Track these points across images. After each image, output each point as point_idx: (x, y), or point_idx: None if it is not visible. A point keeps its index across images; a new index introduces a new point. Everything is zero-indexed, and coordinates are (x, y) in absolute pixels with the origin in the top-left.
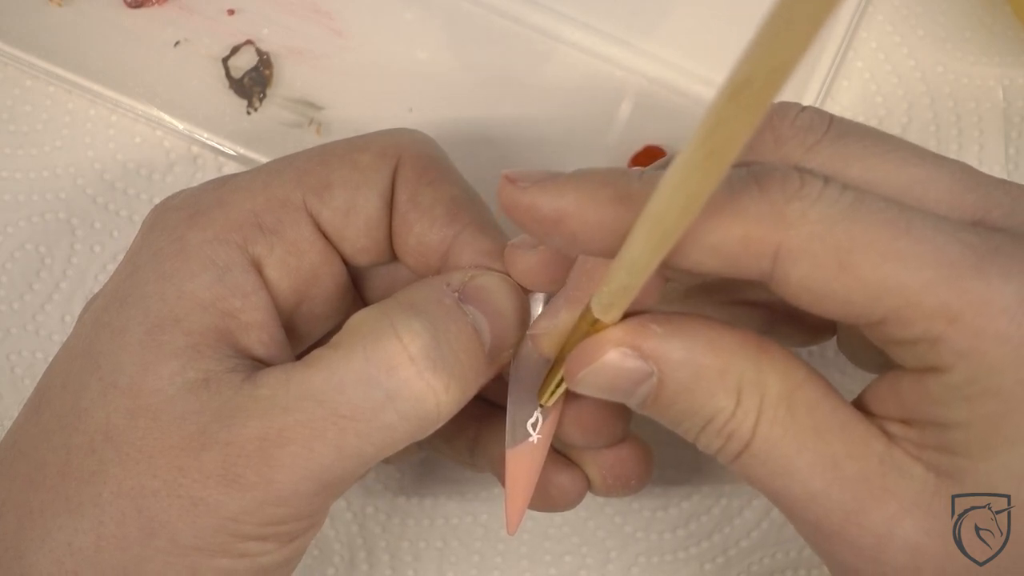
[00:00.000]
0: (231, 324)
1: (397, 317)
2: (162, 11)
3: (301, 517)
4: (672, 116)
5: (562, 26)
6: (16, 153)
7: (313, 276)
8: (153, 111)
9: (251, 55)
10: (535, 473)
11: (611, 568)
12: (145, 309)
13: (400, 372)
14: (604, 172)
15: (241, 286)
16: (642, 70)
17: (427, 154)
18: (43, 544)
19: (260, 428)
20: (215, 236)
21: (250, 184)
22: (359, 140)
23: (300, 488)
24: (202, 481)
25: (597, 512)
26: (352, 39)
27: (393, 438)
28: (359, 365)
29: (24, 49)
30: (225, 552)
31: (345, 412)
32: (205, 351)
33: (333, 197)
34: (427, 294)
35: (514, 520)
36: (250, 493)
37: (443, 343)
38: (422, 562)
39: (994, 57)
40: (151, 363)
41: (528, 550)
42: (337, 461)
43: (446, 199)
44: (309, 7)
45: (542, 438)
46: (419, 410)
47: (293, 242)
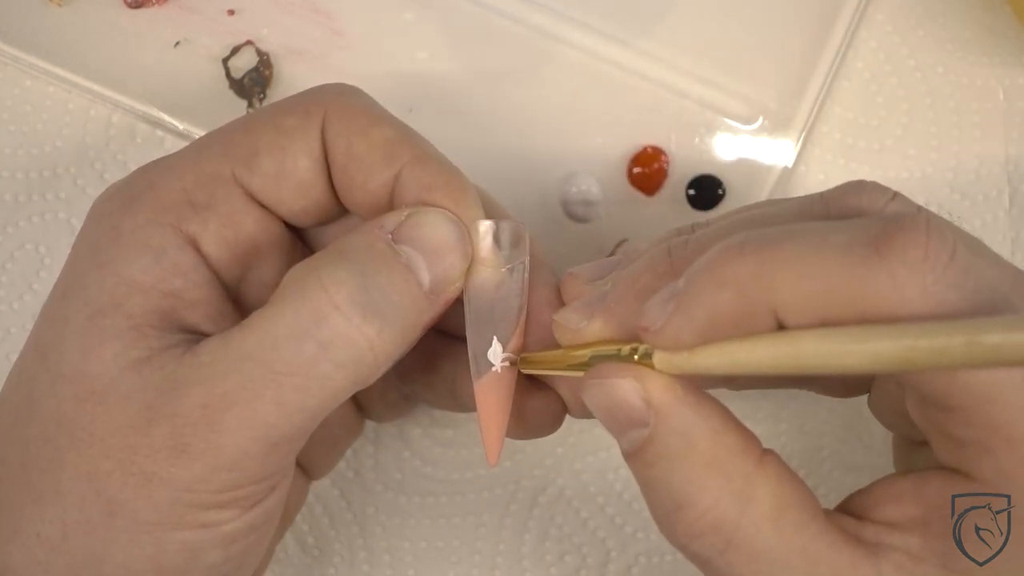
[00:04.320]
0: (174, 304)
1: (323, 267)
2: (162, 11)
3: (257, 480)
4: (672, 116)
5: (562, 26)
6: (16, 153)
7: (253, 246)
8: (153, 111)
9: (251, 55)
10: (506, 401)
11: (611, 568)
12: (86, 298)
13: (329, 322)
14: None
15: (179, 265)
16: (642, 70)
17: (352, 104)
18: (15, 537)
19: (202, 395)
20: (148, 219)
21: (179, 163)
22: (283, 103)
23: (249, 449)
24: (153, 456)
25: (597, 512)
26: (352, 39)
27: (334, 388)
28: (290, 320)
29: (24, 49)
30: (186, 524)
31: (281, 368)
32: (147, 331)
33: (260, 164)
34: (357, 239)
35: (492, 451)
36: (200, 461)
37: (372, 287)
38: (422, 562)
39: (994, 57)
40: (94, 348)
41: (528, 550)
42: (281, 418)
43: (380, 142)
44: (309, 7)
45: (506, 366)
46: (354, 357)
47: (227, 215)
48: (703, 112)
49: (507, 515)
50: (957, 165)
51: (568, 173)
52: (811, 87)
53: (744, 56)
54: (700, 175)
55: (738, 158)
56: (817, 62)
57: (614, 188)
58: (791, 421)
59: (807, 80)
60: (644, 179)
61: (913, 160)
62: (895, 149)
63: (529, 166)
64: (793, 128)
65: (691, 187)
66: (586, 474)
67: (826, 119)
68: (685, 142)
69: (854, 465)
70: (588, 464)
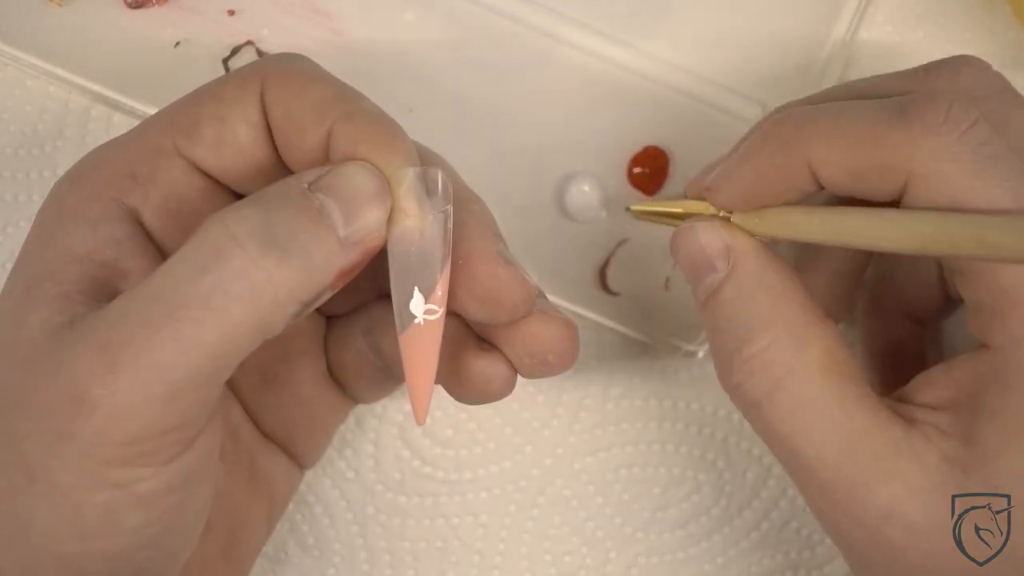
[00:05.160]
0: (108, 274)
1: (229, 209)
2: (162, 12)
3: (163, 431)
4: (672, 116)
5: (562, 26)
6: (16, 153)
7: (198, 215)
8: (153, 111)
9: (251, 56)
10: (431, 354)
11: (611, 568)
12: (26, 271)
13: (225, 254)
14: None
15: (115, 235)
16: (642, 70)
17: (290, 68)
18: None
19: (101, 339)
20: (90, 194)
21: (125, 139)
22: (226, 75)
23: (148, 394)
24: (59, 409)
25: (597, 512)
26: (352, 39)
27: (232, 323)
28: (189, 256)
29: (24, 49)
30: (98, 484)
31: (178, 303)
32: (76, 298)
33: (201, 134)
34: (271, 187)
35: (419, 408)
36: (98, 411)
37: (276, 223)
38: (422, 562)
39: (994, 57)
40: (25, 316)
41: (528, 550)
42: (179, 355)
43: (314, 102)
44: (309, 7)
45: (430, 318)
46: (251, 289)
47: (169, 186)
48: (704, 111)
49: (507, 515)
50: None
51: (568, 173)
52: (811, 87)
53: (744, 55)
54: None
55: None
56: (817, 61)
57: (614, 188)
58: None
59: (807, 80)
60: (644, 179)
61: None
62: None
63: (529, 166)
64: None
65: None
66: (586, 474)
67: None
68: (685, 142)
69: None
70: (588, 464)
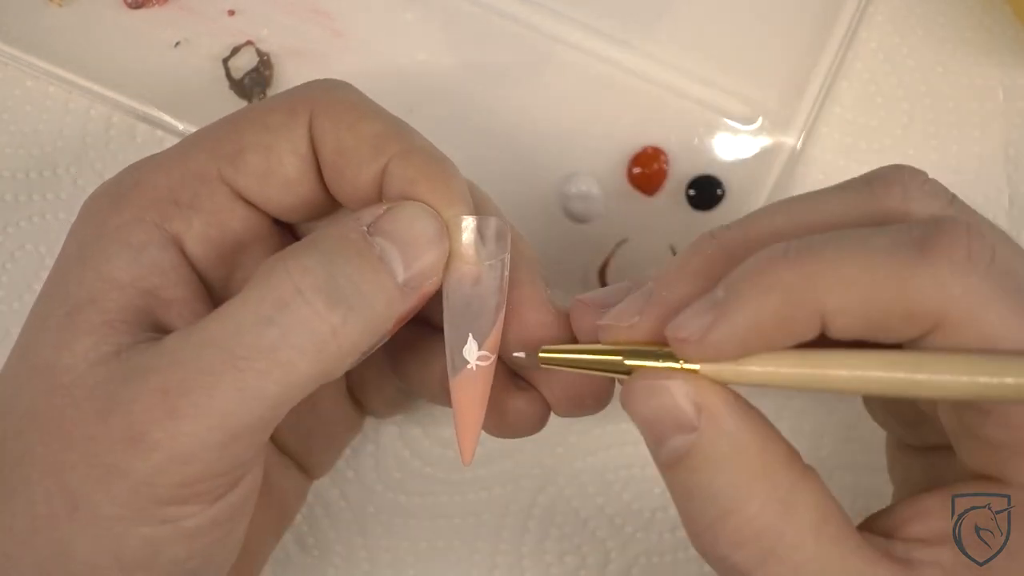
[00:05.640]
0: (151, 302)
1: (291, 256)
2: (162, 11)
3: (217, 474)
4: (672, 116)
5: (562, 26)
6: (16, 153)
7: (239, 244)
8: (153, 111)
9: (251, 56)
10: (481, 400)
11: (611, 568)
12: (66, 295)
13: (291, 306)
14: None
15: (158, 264)
16: (642, 70)
17: (341, 99)
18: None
19: (160, 381)
20: (132, 217)
21: (166, 161)
22: (271, 100)
23: (207, 439)
24: (111, 446)
25: (597, 512)
26: (352, 39)
27: (296, 375)
28: (253, 306)
29: (24, 49)
30: (146, 519)
31: (242, 353)
32: (120, 327)
33: (246, 163)
34: (331, 230)
35: (467, 449)
36: (157, 452)
37: (339, 275)
38: (422, 562)
39: (994, 57)
40: (66, 342)
41: (528, 550)
42: (241, 405)
43: (369, 137)
44: (309, 7)
45: (482, 364)
46: (316, 344)
47: (212, 213)
48: (703, 112)
49: (507, 515)
50: (957, 165)
51: (568, 173)
52: (811, 87)
53: (744, 56)
54: (700, 175)
55: (738, 158)
56: (817, 62)
57: (614, 188)
58: (791, 421)
59: (807, 80)
60: (644, 179)
61: (913, 160)
62: (895, 149)
63: (529, 166)
64: (793, 128)
65: (691, 187)
66: (586, 474)
67: (826, 119)
68: (685, 142)
69: (854, 465)
70: (588, 464)
